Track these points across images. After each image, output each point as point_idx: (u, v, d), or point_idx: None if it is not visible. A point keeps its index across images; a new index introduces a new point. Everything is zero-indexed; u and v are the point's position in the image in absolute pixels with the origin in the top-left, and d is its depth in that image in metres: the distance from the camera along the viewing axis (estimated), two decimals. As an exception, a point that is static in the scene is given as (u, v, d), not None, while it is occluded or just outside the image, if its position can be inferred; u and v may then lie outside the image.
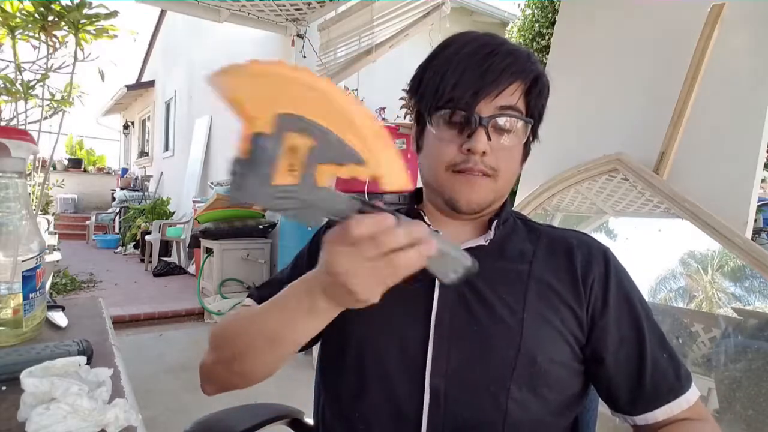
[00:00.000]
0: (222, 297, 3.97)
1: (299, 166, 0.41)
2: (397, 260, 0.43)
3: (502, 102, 0.62)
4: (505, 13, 6.11)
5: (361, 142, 0.42)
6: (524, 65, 0.62)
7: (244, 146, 0.40)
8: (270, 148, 0.39)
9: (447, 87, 0.62)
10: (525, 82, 0.63)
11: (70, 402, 0.47)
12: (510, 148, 0.64)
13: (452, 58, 0.62)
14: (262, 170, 0.40)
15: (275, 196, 0.40)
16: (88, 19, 1.61)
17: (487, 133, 0.61)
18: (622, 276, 0.67)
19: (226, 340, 0.63)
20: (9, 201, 0.70)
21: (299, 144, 0.40)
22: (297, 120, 0.40)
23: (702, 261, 1.39)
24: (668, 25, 1.54)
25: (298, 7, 4.01)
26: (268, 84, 0.39)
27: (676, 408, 0.61)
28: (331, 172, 0.42)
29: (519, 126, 0.64)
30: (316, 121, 0.40)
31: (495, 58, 0.61)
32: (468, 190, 0.64)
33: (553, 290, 0.64)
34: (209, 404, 0.71)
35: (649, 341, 0.63)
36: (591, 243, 0.69)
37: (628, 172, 1.49)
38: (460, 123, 0.63)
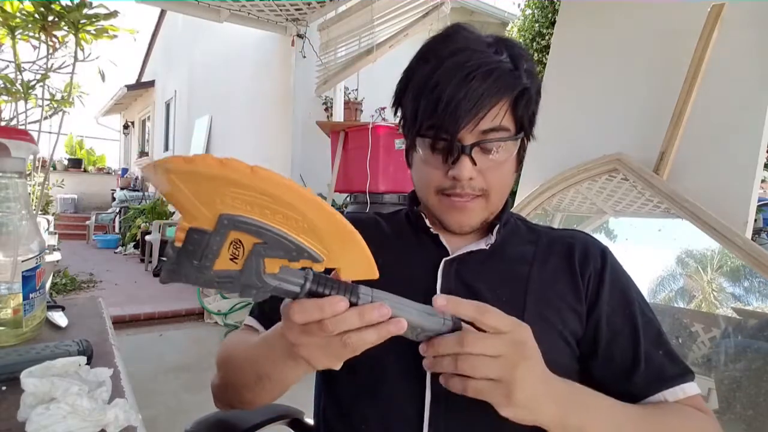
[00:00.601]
0: (222, 297, 3.97)
1: (242, 256, 0.39)
2: (350, 340, 0.42)
3: (486, 125, 0.59)
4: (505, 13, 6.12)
5: (318, 240, 0.39)
6: (507, 83, 0.58)
7: (180, 236, 0.37)
8: (209, 242, 0.38)
9: (426, 113, 0.59)
10: (509, 99, 0.59)
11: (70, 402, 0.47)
12: (500, 164, 0.62)
13: (429, 80, 0.58)
14: (197, 260, 0.38)
15: (214, 279, 0.39)
16: (88, 19, 1.62)
17: (472, 158, 0.59)
18: (619, 273, 0.67)
19: (228, 368, 0.65)
20: (9, 201, 0.70)
21: (244, 239, 0.38)
22: (241, 221, 0.37)
23: (702, 261, 1.39)
24: (668, 25, 1.54)
25: (298, 7, 4.01)
26: (207, 182, 0.35)
27: (670, 396, 0.60)
28: (282, 263, 0.40)
29: (508, 144, 0.61)
30: (262, 222, 0.37)
31: (473, 82, 0.56)
32: (458, 215, 0.64)
33: (553, 291, 0.64)
34: (209, 404, 0.71)
35: (644, 337, 0.62)
36: (589, 241, 0.70)
37: (628, 172, 1.49)
38: (443, 150, 0.61)
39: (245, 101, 5.39)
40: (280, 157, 4.53)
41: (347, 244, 0.40)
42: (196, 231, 0.37)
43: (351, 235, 0.40)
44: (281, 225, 0.38)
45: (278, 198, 0.36)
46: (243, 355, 0.61)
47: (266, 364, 0.55)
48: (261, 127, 4.99)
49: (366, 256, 0.42)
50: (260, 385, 0.58)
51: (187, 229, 0.37)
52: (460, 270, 0.65)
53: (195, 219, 0.37)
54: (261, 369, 0.56)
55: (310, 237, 0.39)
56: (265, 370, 0.56)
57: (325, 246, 0.40)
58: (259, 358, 0.57)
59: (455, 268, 0.65)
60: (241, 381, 0.60)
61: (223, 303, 3.84)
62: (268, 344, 0.55)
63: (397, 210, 0.79)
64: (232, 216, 0.37)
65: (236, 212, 0.37)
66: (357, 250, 0.41)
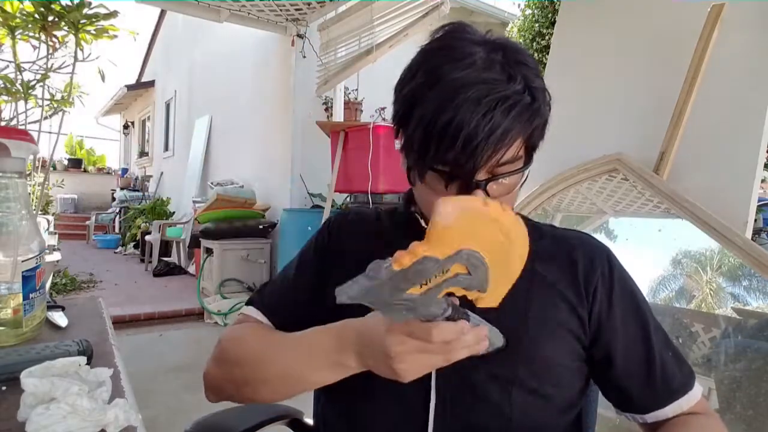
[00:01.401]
0: (222, 297, 3.97)
1: (433, 283, 0.41)
2: (455, 355, 0.48)
3: (500, 158, 0.55)
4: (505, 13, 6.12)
5: (498, 281, 0.45)
6: (526, 118, 0.54)
7: (404, 261, 0.39)
8: (429, 270, 0.40)
9: (440, 150, 0.53)
10: (525, 133, 0.55)
11: (70, 402, 0.47)
12: (510, 189, 0.59)
13: (442, 114, 0.52)
14: (403, 285, 0.40)
15: (393, 302, 0.41)
16: (88, 19, 1.62)
17: (485, 191, 0.56)
18: (625, 277, 0.67)
19: (239, 362, 0.64)
20: (9, 201, 0.70)
21: (453, 269, 0.41)
22: (474, 257, 0.41)
23: (701, 261, 1.39)
24: (668, 25, 1.54)
25: (298, 7, 4.01)
26: (472, 221, 0.40)
27: (684, 405, 0.62)
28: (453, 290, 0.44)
29: (521, 175, 0.59)
30: (485, 259, 0.42)
31: (494, 120, 0.51)
32: None
33: (555, 289, 0.64)
34: (209, 404, 0.71)
35: (656, 341, 0.63)
36: (593, 243, 0.69)
37: (628, 172, 1.48)
38: (457, 184, 0.56)
39: (245, 101, 5.39)
40: (280, 157, 4.52)
41: (504, 285, 0.47)
42: (429, 259, 0.39)
43: (514, 278, 0.46)
44: (491, 261, 0.43)
45: (512, 241, 0.43)
46: (267, 351, 0.62)
47: (298, 366, 0.57)
48: (261, 127, 4.98)
49: (503, 293, 0.47)
50: (284, 383, 0.59)
51: (421, 257, 0.39)
52: None
53: (433, 249, 0.40)
54: (289, 369, 0.58)
55: (494, 273, 0.44)
56: (295, 372, 0.58)
57: (494, 283, 0.45)
58: (288, 359, 0.58)
59: None
60: (261, 376, 0.61)
61: (223, 303, 3.84)
62: (312, 350, 0.57)
63: (394, 207, 0.79)
64: (471, 252, 0.41)
65: (479, 249, 0.42)
66: (504, 288, 0.47)
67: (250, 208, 4.51)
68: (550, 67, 1.91)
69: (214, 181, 5.54)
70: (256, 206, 4.57)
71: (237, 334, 0.68)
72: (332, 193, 3.20)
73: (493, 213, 0.40)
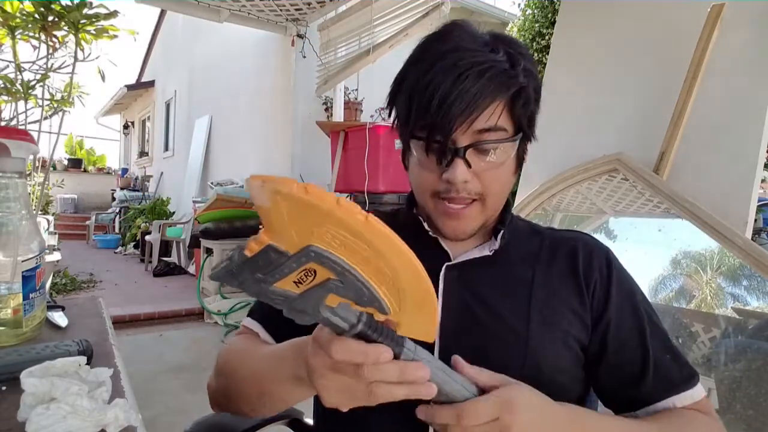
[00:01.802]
0: (222, 297, 3.97)
1: (307, 284, 0.38)
2: (378, 391, 0.42)
3: (481, 125, 0.56)
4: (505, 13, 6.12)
5: (396, 295, 0.39)
6: (501, 82, 0.56)
7: (253, 247, 0.36)
8: (283, 264, 0.37)
9: (418, 114, 0.57)
10: (505, 98, 0.57)
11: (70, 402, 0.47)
12: (497, 166, 0.59)
13: (421, 81, 0.56)
14: (262, 274, 0.37)
15: (269, 293, 0.39)
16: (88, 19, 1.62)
17: (467, 161, 0.57)
18: (625, 278, 0.66)
19: (229, 378, 0.64)
20: (9, 201, 0.70)
21: (319, 271, 0.37)
22: (328, 258, 0.36)
23: (701, 261, 1.39)
24: (668, 25, 1.54)
25: (298, 7, 4.00)
26: (314, 215, 0.34)
27: (678, 402, 0.60)
28: (345, 302, 0.40)
29: (505, 146, 0.59)
30: (349, 265, 0.37)
31: (466, 81, 0.54)
32: (453, 222, 0.62)
33: (557, 295, 0.63)
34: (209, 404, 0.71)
35: (652, 343, 0.62)
36: (593, 244, 0.68)
37: (628, 172, 1.48)
38: (437, 152, 0.59)
39: (245, 101, 5.39)
40: (280, 157, 4.52)
41: (423, 308, 0.40)
42: (275, 250, 0.36)
43: (431, 302, 0.40)
44: (367, 273, 0.37)
45: (380, 253, 0.36)
46: (247, 367, 0.60)
47: (271, 382, 0.54)
48: (261, 127, 4.98)
49: (433, 322, 0.41)
50: (261, 401, 0.57)
51: (266, 245, 0.36)
52: (462, 276, 0.64)
53: (278, 238, 0.36)
54: (264, 386, 0.56)
55: (389, 291, 0.38)
56: (268, 388, 0.55)
57: (398, 303, 0.39)
58: (264, 374, 0.56)
59: (457, 274, 0.64)
60: (242, 394, 0.60)
61: (223, 303, 3.84)
62: (277, 361, 0.54)
63: (396, 210, 0.78)
64: (321, 251, 0.36)
65: (328, 248, 0.36)
66: (428, 315, 0.41)
67: (250, 208, 4.51)
68: (550, 67, 1.91)
69: (214, 181, 5.54)
70: (256, 206, 4.57)
71: (230, 347, 0.68)
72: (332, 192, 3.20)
73: (336, 210, 0.33)
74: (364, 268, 0.37)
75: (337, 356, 0.41)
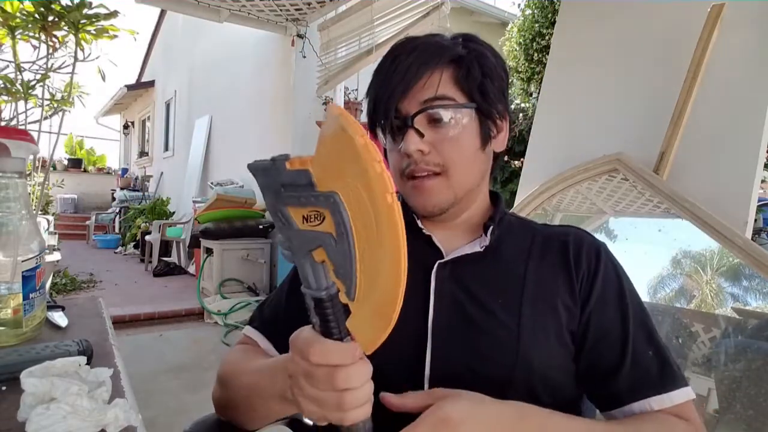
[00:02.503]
0: (222, 297, 3.97)
1: (308, 225, 0.39)
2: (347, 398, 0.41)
3: (424, 95, 0.60)
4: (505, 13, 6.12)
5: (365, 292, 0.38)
6: (434, 52, 0.61)
7: (294, 163, 0.38)
8: (304, 192, 0.37)
9: (373, 102, 0.64)
10: (442, 67, 0.61)
11: (70, 402, 0.47)
12: (454, 138, 0.61)
13: (374, 77, 0.65)
14: (284, 189, 0.38)
15: (279, 209, 0.40)
16: (88, 19, 1.62)
17: (418, 131, 0.60)
18: (613, 271, 0.65)
19: (224, 386, 0.66)
20: (9, 201, 0.70)
21: (327, 219, 0.37)
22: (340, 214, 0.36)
23: (701, 261, 1.39)
24: (668, 25, 1.54)
25: (298, 7, 4.00)
26: (354, 165, 0.35)
27: (655, 404, 0.58)
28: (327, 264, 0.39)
29: (457, 114, 0.61)
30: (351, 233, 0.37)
31: (400, 58, 0.61)
32: (420, 196, 0.64)
33: (549, 291, 0.63)
34: (209, 404, 0.71)
35: (633, 336, 0.61)
36: (585, 238, 0.68)
37: (628, 172, 1.49)
38: (392, 129, 0.64)
39: (245, 101, 5.39)
40: (280, 157, 4.52)
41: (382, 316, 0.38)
42: (308, 177, 0.37)
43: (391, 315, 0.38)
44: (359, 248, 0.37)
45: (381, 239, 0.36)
46: (239, 381, 0.62)
47: (258, 397, 0.57)
48: (261, 127, 4.98)
49: (380, 336, 0.40)
50: (250, 416, 0.60)
51: (305, 168, 0.37)
52: (454, 273, 0.64)
53: (318, 171, 0.37)
54: (252, 402, 0.58)
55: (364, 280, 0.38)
56: (255, 403, 0.58)
57: (363, 296, 0.38)
58: (253, 390, 0.58)
59: (449, 271, 0.64)
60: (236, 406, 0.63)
61: (223, 303, 3.84)
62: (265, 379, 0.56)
63: None
64: (339, 202, 0.36)
65: (346, 205, 0.36)
66: (381, 324, 0.39)
67: (250, 208, 4.51)
68: (550, 67, 1.91)
69: (214, 181, 5.54)
70: (256, 206, 4.57)
71: (229, 358, 0.70)
72: (332, 193, 3.20)
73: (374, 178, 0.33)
74: (360, 242, 0.37)
75: (314, 359, 0.41)
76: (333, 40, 3.87)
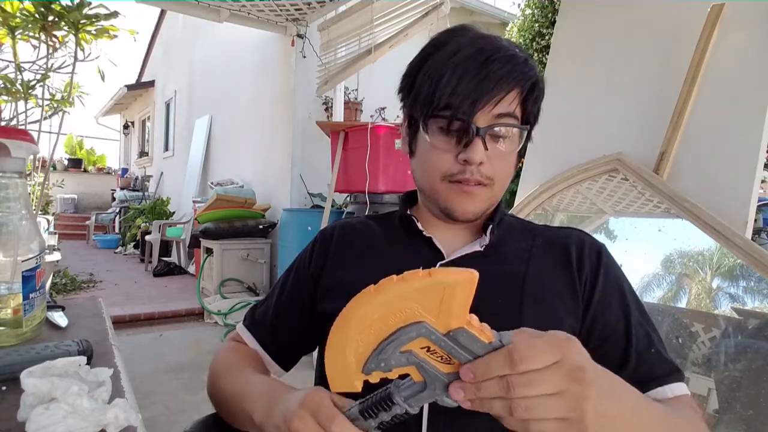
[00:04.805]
0: (222, 297, 3.97)
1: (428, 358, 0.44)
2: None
3: (500, 110, 0.60)
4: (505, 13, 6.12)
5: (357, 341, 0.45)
6: (522, 71, 0.60)
7: None
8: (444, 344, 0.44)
9: (443, 94, 0.59)
10: (523, 88, 0.61)
11: (70, 402, 0.47)
12: (506, 155, 0.62)
13: (448, 62, 0.59)
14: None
15: None
16: (88, 19, 1.62)
17: (484, 142, 0.60)
18: (613, 272, 0.66)
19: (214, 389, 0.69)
20: (9, 201, 0.70)
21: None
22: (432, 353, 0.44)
23: (701, 261, 1.39)
24: (668, 25, 1.54)
25: (298, 7, 4.00)
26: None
27: (658, 396, 0.59)
28: None
29: (515, 132, 0.62)
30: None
31: (493, 64, 0.58)
32: (465, 201, 0.63)
33: (550, 291, 0.63)
34: (209, 404, 0.71)
35: (635, 338, 0.61)
36: (585, 239, 0.69)
37: (628, 172, 1.48)
38: (457, 131, 0.61)
39: (245, 101, 5.39)
40: (280, 157, 4.52)
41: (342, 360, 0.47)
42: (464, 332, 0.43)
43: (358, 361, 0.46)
44: None
45: None
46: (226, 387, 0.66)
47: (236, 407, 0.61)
48: (261, 127, 4.98)
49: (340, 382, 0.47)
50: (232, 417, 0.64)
51: (458, 329, 0.43)
52: None
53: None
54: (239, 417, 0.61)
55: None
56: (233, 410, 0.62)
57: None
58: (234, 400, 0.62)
59: None
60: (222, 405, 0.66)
61: (223, 303, 3.84)
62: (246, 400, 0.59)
63: (390, 212, 0.78)
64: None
65: None
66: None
67: (250, 208, 4.51)
68: (550, 67, 1.91)
69: (214, 181, 5.54)
70: (256, 206, 4.57)
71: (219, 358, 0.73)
72: (332, 193, 3.20)
73: None
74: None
75: (335, 429, 0.44)
76: (333, 40, 3.87)
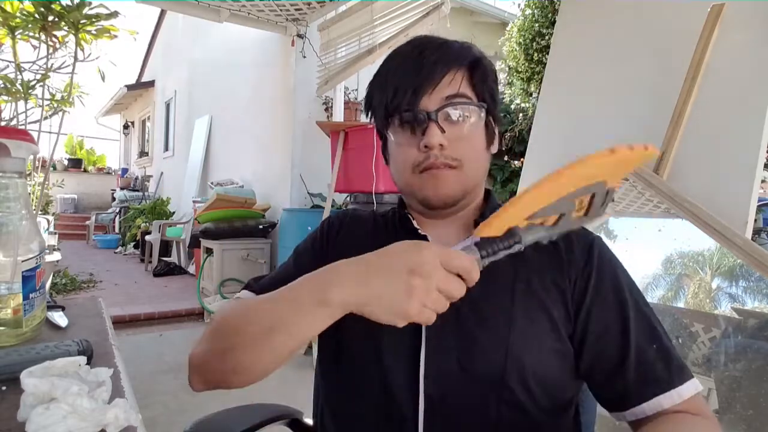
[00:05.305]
0: (222, 297, 3.97)
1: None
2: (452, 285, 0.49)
3: (447, 92, 0.63)
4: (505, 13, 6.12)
5: None
6: (457, 53, 0.65)
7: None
8: None
9: (390, 95, 0.64)
10: (462, 68, 0.64)
11: (70, 402, 0.47)
12: (469, 135, 0.64)
13: (390, 68, 0.66)
14: None
15: None
16: (89, 19, 1.62)
17: (440, 126, 0.62)
18: (608, 265, 0.65)
19: (224, 330, 0.59)
20: (9, 201, 0.70)
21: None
22: None
23: (701, 261, 1.39)
24: (668, 24, 1.54)
25: (298, 7, 4.00)
26: None
27: (666, 402, 0.57)
28: None
29: (472, 112, 0.64)
30: None
31: (425, 52, 0.63)
32: (436, 185, 0.64)
33: (541, 287, 0.63)
34: (209, 404, 0.71)
35: (635, 332, 0.60)
36: (577, 232, 0.67)
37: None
38: (412, 123, 0.64)
39: (245, 101, 5.39)
40: (280, 157, 4.52)
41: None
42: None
43: None
44: None
45: None
46: (248, 310, 0.57)
47: (282, 313, 0.51)
48: (261, 127, 4.98)
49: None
50: (269, 340, 0.52)
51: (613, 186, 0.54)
52: None
53: None
54: (273, 319, 0.52)
55: None
56: (279, 320, 0.51)
57: None
58: (273, 308, 0.53)
59: None
60: (243, 340, 0.54)
61: (223, 303, 3.84)
62: (287, 296, 0.52)
63: (390, 210, 0.79)
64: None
65: None
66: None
67: (250, 208, 4.51)
68: (550, 67, 1.91)
69: (214, 181, 5.54)
70: (256, 206, 4.57)
71: (228, 306, 0.64)
72: (332, 193, 3.20)
73: None
74: None
75: (475, 275, 0.50)
76: (333, 40, 3.87)
